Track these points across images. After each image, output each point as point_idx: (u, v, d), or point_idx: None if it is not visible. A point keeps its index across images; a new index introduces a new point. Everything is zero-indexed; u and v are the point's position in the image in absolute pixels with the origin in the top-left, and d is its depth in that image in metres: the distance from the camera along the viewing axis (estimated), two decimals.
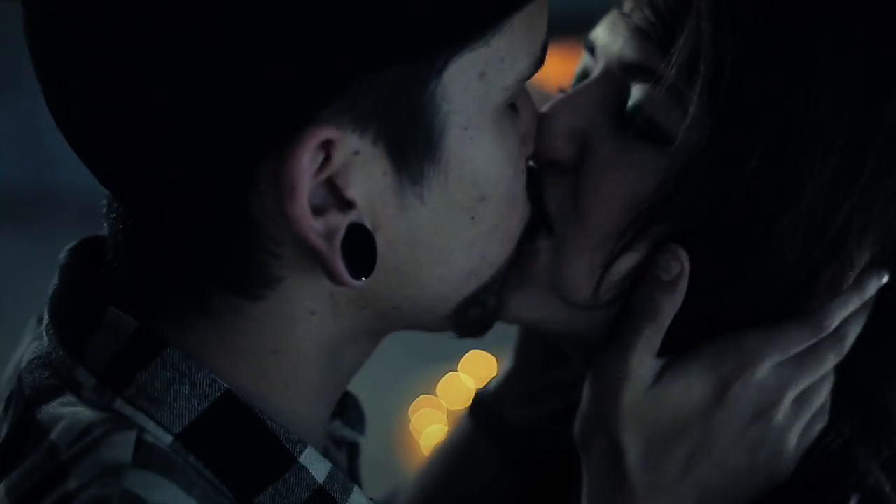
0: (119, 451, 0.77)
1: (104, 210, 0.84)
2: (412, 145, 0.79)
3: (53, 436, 0.79)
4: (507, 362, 1.10)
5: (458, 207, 0.82)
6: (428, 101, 0.79)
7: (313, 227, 0.77)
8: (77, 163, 0.80)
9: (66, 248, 0.87)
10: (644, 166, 0.87)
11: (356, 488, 0.85)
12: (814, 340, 0.87)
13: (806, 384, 0.88)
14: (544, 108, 0.93)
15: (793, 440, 0.90)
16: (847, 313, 0.88)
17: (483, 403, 1.09)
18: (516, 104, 0.86)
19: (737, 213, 0.84)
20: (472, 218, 0.84)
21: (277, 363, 0.83)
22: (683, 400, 0.87)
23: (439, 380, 2.99)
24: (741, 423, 0.88)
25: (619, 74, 0.91)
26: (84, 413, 0.79)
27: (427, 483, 1.14)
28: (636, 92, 0.89)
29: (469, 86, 0.80)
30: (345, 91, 0.76)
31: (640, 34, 0.89)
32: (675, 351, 0.87)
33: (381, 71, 0.76)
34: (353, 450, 0.98)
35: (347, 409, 0.97)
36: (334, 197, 0.78)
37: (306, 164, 0.75)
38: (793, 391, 0.88)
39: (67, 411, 0.80)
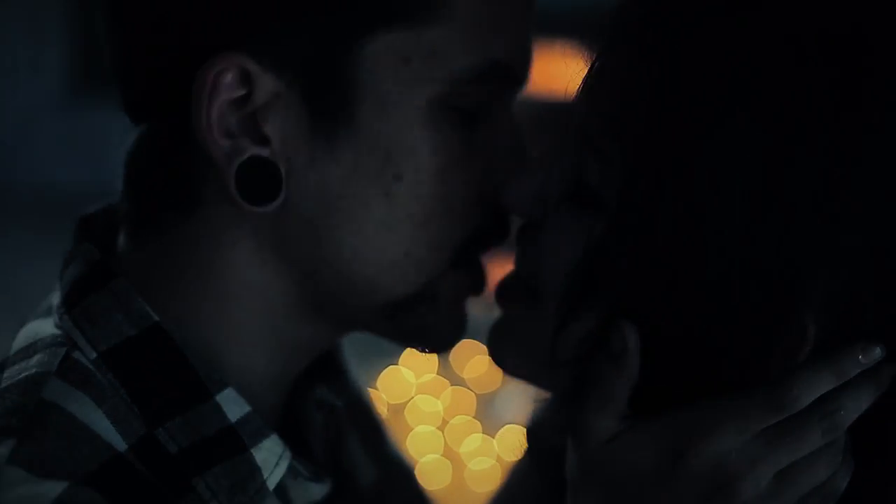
0: (47, 363, 0.88)
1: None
2: (327, 101, 0.87)
3: (14, 342, 0.92)
4: None
5: (370, 176, 0.88)
6: (348, 65, 0.87)
7: (217, 142, 0.86)
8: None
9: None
10: (579, 233, 0.87)
11: (275, 437, 0.90)
12: (780, 416, 0.80)
13: (787, 461, 0.80)
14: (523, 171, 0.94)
15: None
16: (820, 389, 0.80)
17: (530, 431, 1.11)
18: (486, 122, 0.92)
19: (659, 280, 0.82)
20: (386, 195, 0.89)
21: (204, 289, 0.91)
22: (638, 463, 0.82)
23: (379, 374, 2.98)
24: (698, 494, 0.81)
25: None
26: (42, 326, 0.91)
27: None
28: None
29: (392, 66, 0.88)
30: (267, 29, 0.86)
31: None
32: (647, 412, 0.84)
33: (302, 20, 0.86)
34: (332, 413, 1.03)
35: (336, 376, 1.05)
36: (252, 131, 0.87)
37: (222, 82, 0.85)
38: (767, 467, 0.80)
39: (33, 324, 0.92)
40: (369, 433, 1.12)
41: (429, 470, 2.97)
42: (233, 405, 0.89)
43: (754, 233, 0.81)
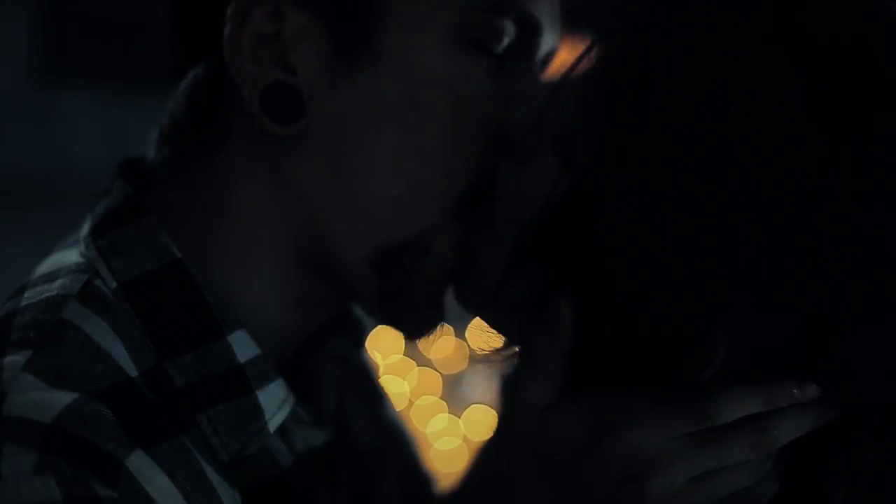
0: (69, 287, 0.91)
1: None
2: (350, 29, 0.91)
3: (38, 268, 0.96)
4: None
5: (387, 103, 0.91)
6: None
7: (247, 70, 0.91)
8: None
9: None
10: (545, 187, 0.88)
11: (281, 381, 0.94)
12: (701, 427, 0.80)
13: (706, 467, 0.81)
14: None
15: None
16: (745, 411, 0.80)
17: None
18: (508, 67, 0.94)
19: (597, 257, 0.83)
20: (401, 123, 0.92)
21: (224, 230, 0.95)
22: (562, 438, 0.83)
23: None
24: (609, 479, 0.81)
25: None
26: (67, 255, 0.95)
27: None
28: None
29: None
30: None
31: None
32: (583, 389, 0.84)
33: None
34: (347, 365, 1.07)
35: (353, 333, 1.08)
36: (280, 60, 0.92)
37: (253, 15, 0.91)
38: (683, 468, 0.80)
39: (59, 254, 0.96)
40: (369, 396, 1.14)
41: None
42: (243, 346, 0.91)
43: (682, 242, 0.80)
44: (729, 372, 0.81)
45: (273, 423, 0.92)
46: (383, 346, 3.18)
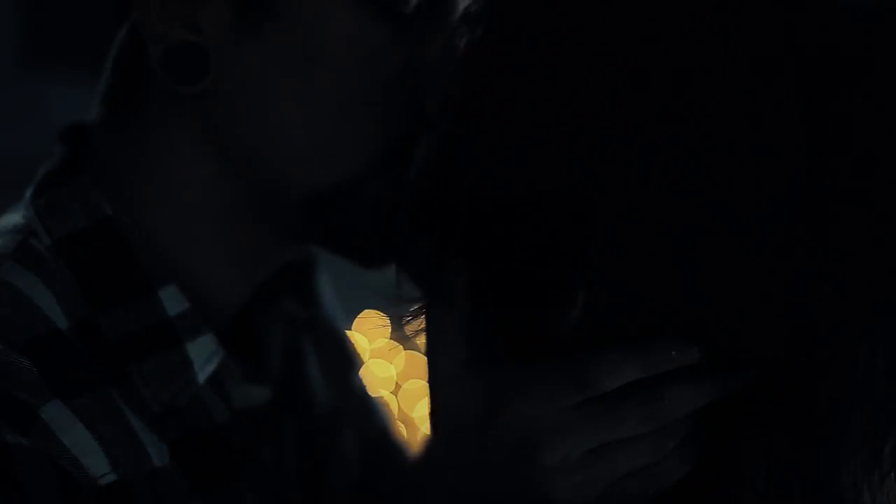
0: (5, 247, 0.94)
1: None
2: None
3: None
4: None
5: (291, 62, 0.93)
6: None
7: (154, 25, 0.93)
8: None
9: None
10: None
11: (210, 336, 0.96)
12: (586, 393, 0.77)
13: (600, 440, 0.78)
14: None
15: (563, 490, 0.78)
16: (626, 375, 0.77)
17: None
18: (419, 25, 0.94)
19: (479, 219, 0.80)
20: (306, 81, 0.94)
21: (154, 186, 0.97)
22: (463, 411, 0.82)
23: None
24: (504, 452, 0.80)
25: None
26: (12, 217, 0.98)
27: None
28: None
29: None
30: None
31: None
32: (492, 361, 0.81)
33: None
34: (294, 326, 1.09)
35: (305, 296, 1.11)
36: (187, 19, 0.93)
37: None
38: (574, 440, 0.78)
39: (7, 216, 0.98)
40: (334, 362, 1.16)
41: None
42: (173, 300, 0.94)
43: (547, 191, 0.78)
44: (605, 330, 0.79)
45: (202, 375, 0.95)
46: (369, 329, 3.07)
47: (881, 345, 0.78)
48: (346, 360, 1.19)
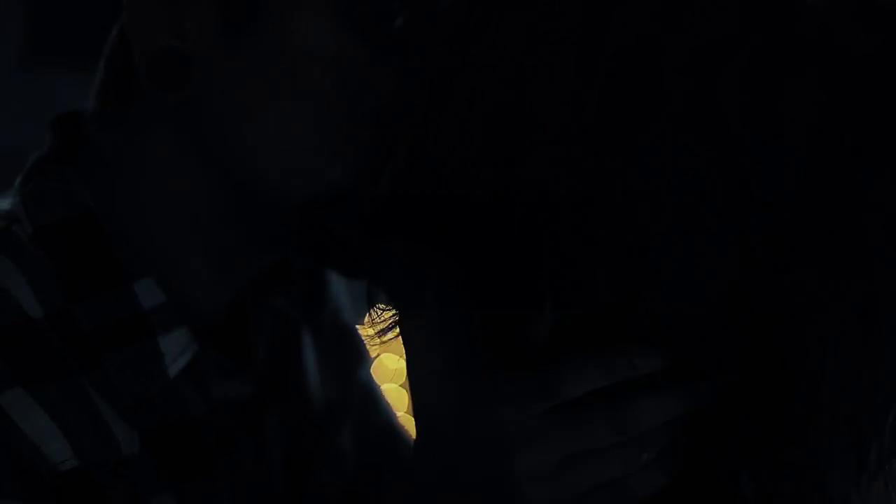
0: None
1: None
2: None
3: None
4: None
5: (272, 74, 0.94)
6: None
7: (140, 29, 0.94)
8: None
9: None
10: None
11: (184, 330, 0.97)
12: (552, 400, 0.77)
13: (570, 449, 0.78)
14: None
15: (536, 498, 0.79)
16: (589, 382, 0.77)
17: None
18: (405, 53, 0.93)
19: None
20: (287, 94, 0.94)
21: (137, 184, 0.98)
22: (438, 416, 0.82)
23: None
24: (478, 459, 0.80)
25: None
26: (2, 202, 0.99)
27: None
28: None
29: None
30: None
31: None
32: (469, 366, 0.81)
33: None
34: (287, 322, 1.10)
35: (302, 292, 1.12)
36: (173, 26, 0.94)
37: None
38: (545, 448, 0.78)
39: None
40: (338, 356, 1.17)
41: None
42: (148, 294, 0.97)
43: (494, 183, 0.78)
44: (572, 337, 0.79)
45: (173, 368, 0.97)
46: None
47: (853, 347, 0.77)
48: (352, 355, 1.20)
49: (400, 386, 3.45)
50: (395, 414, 1.24)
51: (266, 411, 1.06)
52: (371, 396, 1.21)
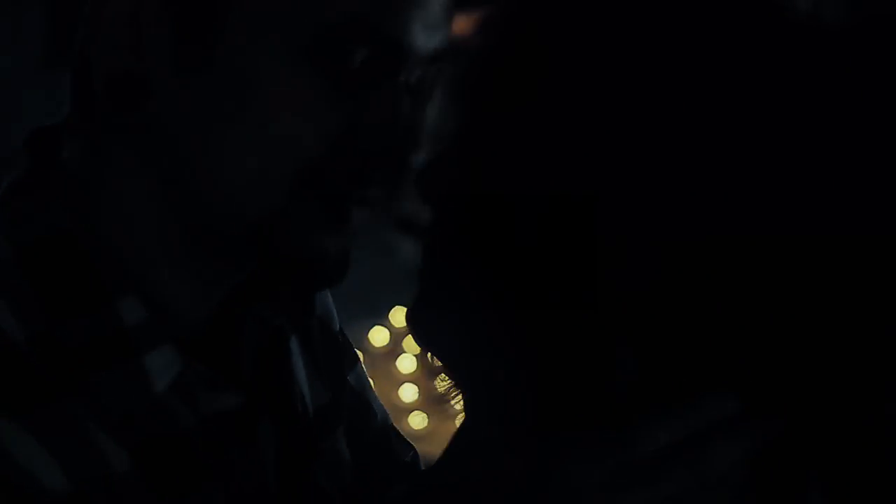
0: None
1: None
2: (195, 26, 0.93)
3: None
4: None
5: (224, 103, 0.93)
6: None
7: (99, 48, 0.94)
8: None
9: None
10: None
11: (169, 346, 0.96)
12: (632, 455, 0.79)
13: (647, 499, 0.80)
14: None
15: None
16: (669, 435, 0.79)
17: None
18: (364, 87, 0.94)
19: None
20: (239, 123, 0.93)
21: (109, 203, 0.97)
22: (512, 466, 0.83)
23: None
24: None
25: None
26: None
27: None
28: None
29: (260, 4, 0.92)
30: None
31: None
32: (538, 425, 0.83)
33: None
34: (270, 331, 1.08)
35: (285, 300, 1.09)
36: (133, 49, 0.93)
37: (115, 5, 0.93)
38: (620, 498, 0.79)
39: None
40: (327, 361, 1.16)
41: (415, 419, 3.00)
42: (131, 311, 0.95)
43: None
44: (648, 391, 0.81)
45: (160, 384, 0.95)
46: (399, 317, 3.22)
47: None
48: (341, 359, 1.19)
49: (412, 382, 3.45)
50: (388, 415, 1.24)
51: (257, 421, 1.05)
52: (363, 399, 1.21)
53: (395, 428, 1.24)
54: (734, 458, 0.80)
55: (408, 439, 1.27)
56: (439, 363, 0.92)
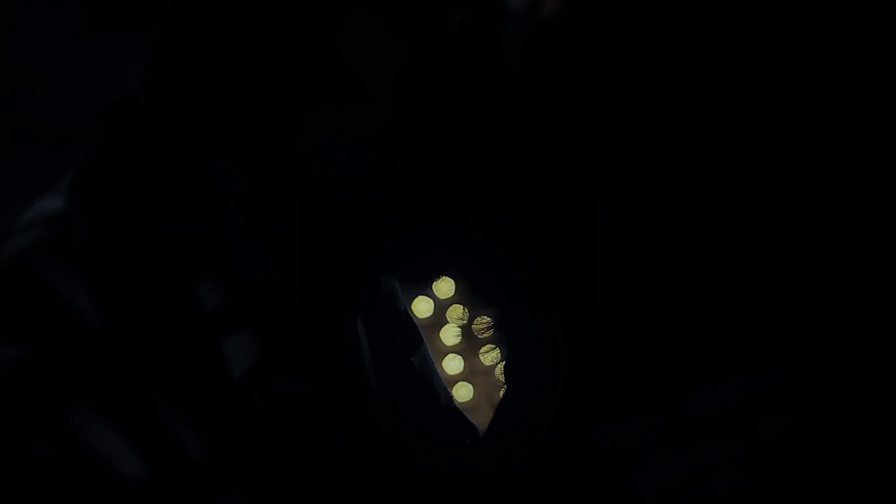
0: (39, 239, 0.94)
1: None
2: None
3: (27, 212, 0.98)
4: None
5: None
6: None
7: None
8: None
9: None
10: None
11: (247, 332, 0.98)
12: (672, 423, 0.82)
13: (691, 465, 0.81)
14: None
15: None
16: (712, 406, 0.82)
17: None
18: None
19: None
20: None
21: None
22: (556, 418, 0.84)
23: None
24: (597, 473, 0.82)
25: None
26: (52, 202, 0.97)
27: None
28: None
29: None
30: None
31: None
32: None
33: None
34: (343, 313, 1.09)
35: (352, 279, 1.08)
36: None
37: None
38: (664, 465, 0.81)
39: (46, 199, 0.99)
40: (393, 342, 1.16)
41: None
42: (210, 295, 0.95)
43: None
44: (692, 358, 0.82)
45: (237, 370, 0.94)
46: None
47: None
48: (407, 340, 1.18)
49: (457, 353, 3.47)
50: (451, 396, 1.23)
51: (326, 405, 1.04)
52: (427, 380, 1.20)
53: (458, 410, 1.22)
54: (777, 426, 0.81)
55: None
56: (484, 333, 0.90)
